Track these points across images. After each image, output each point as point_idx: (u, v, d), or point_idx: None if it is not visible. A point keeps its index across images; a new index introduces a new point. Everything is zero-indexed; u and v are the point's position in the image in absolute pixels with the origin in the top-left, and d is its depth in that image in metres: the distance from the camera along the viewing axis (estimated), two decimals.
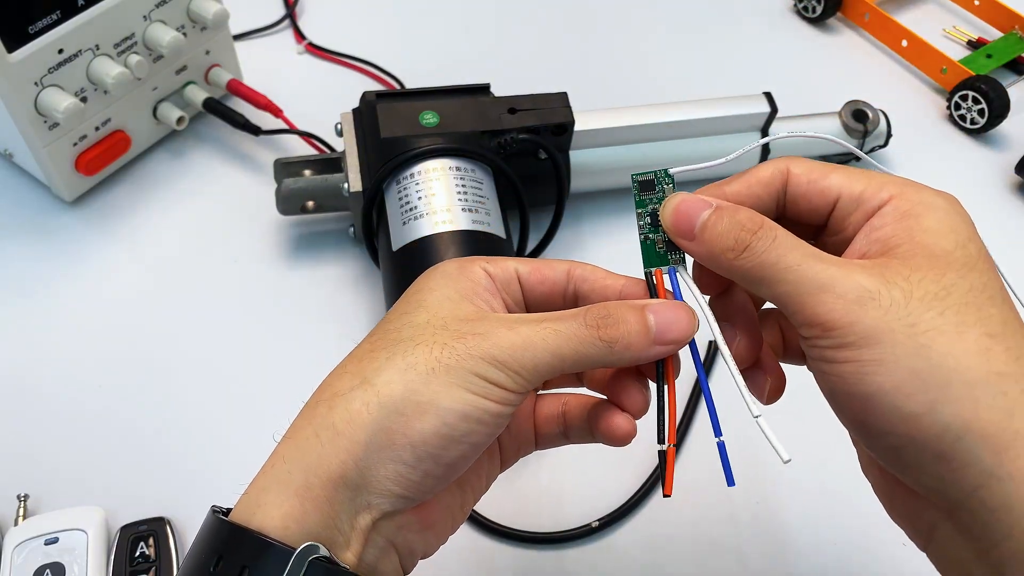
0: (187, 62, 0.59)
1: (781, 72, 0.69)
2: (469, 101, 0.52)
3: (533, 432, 0.34)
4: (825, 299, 0.26)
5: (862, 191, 0.29)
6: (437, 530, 0.31)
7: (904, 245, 0.27)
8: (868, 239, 0.28)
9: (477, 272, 0.31)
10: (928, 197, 0.28)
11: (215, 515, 0.28)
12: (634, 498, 0.47)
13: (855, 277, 0.26)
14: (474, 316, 0.29)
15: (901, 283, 0.26)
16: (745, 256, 0.28)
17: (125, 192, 0.59)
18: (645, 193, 0.32)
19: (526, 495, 0.47)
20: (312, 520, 0.26)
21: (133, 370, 0.51)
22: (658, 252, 0.32)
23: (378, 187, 0.50)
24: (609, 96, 0.65)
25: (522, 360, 0.28)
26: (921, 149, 0.65)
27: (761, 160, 0.59)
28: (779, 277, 0.27)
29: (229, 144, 0.62)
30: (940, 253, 0.26)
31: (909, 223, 0.27)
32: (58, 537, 0.42)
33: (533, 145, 0.52)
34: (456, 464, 0.28)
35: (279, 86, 0.63)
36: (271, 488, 0.27)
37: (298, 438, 0.28)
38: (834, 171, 0.30)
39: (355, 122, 0.54)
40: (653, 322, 0.29)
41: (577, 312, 0.29)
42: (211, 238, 0.58)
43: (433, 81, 0.54)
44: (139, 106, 0.58)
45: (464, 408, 0.27)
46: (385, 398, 0.27)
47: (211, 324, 0.53)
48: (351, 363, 0.29)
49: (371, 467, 0.27)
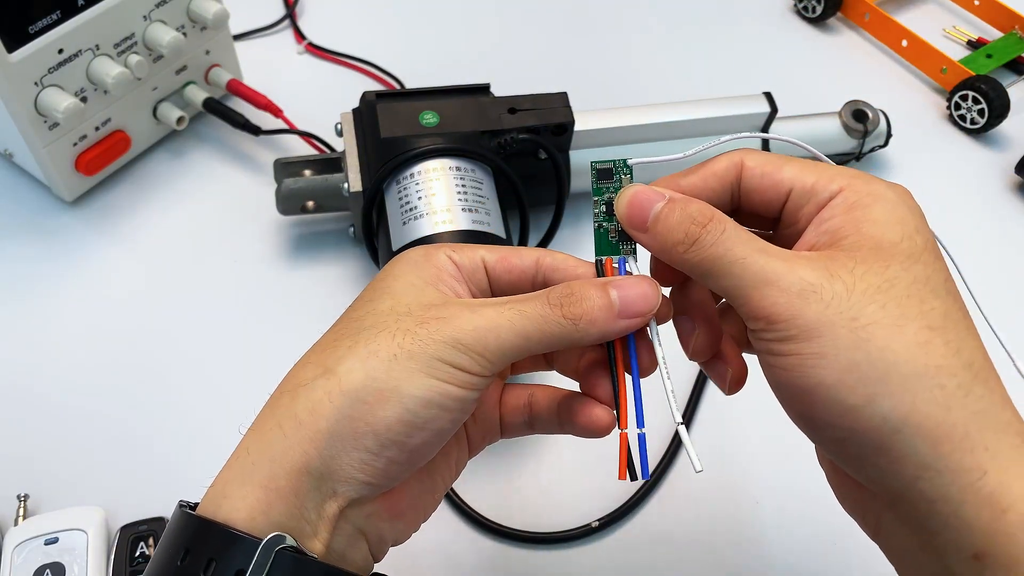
0: (187, 62, 0.59)
1: (781, 72, 0.69)
2: (469, 101, 0.52)
3: (499, 421, 0.34)
4: (769, 293, 0.26)
5: (813, 183, 0.29)
6: (408, 518, 0.31)
7: (851, 236, 0.27)
8: (817, 230, 0.28)
9: (442, 259, 0.31)
10: (877, 188, 0.28)
11: (181, 509, 0.28)
12: (634, 498, 0.47)
13: (798, 271, 0.26)
14: (437, 302, 0.29)
15: (844, 276, 0.26)
16: (694, 249, 0.28)
17: (125, 192, 0.59)
18: (603, 181, 0.32)
19: (526, 495, 0.47)
20: (278, 511, 0.27)
21: (133, 370, 0.51)
22: (610, 241, 0.32)
23: (378, 187, 0.50)
24: (609, 96, 0.65)
25: (486, 342, 0.28)
26: (921, 149, 0.65)
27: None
28: (726, 271, 0.27)
29: (229, 144, 0.62)
30: (886, 244, 0.27)
31: (857, 214, 0.28)
32: (58, 537, 0.42)
33: (533, 145, 0.52)
34: (421, 450, 0.28)
35: (279, 86, 0.63)
36: (236, 480, 0.27)
37: (262, 430, 0.28)
38: (787, 164, 0.30)
39: (355, 122, 0.54)
40: (616, 296, 0.29)
41: (540, 292, 0.29)
42: (211, 238, 0.58)
43: (433, 81, 0.54)
44: (139, 106, 0.58)
45: (427, 394, 0.27)
46: (347, 386, 0.27)
47: (211, 324, 0.53)
48: (314, 353, 0.29)
49: (335, 456, 0.27)
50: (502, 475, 0.48)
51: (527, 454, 0.49)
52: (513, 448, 0.49)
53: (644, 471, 0.30)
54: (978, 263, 0.58)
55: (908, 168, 0.64)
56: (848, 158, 0.62)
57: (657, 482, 0.48)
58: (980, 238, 0.60)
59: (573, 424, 0.32)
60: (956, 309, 0.27)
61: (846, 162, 0.62)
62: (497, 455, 0.49)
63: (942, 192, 0.62)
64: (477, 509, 0.46)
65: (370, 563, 0.30)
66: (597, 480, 0.48)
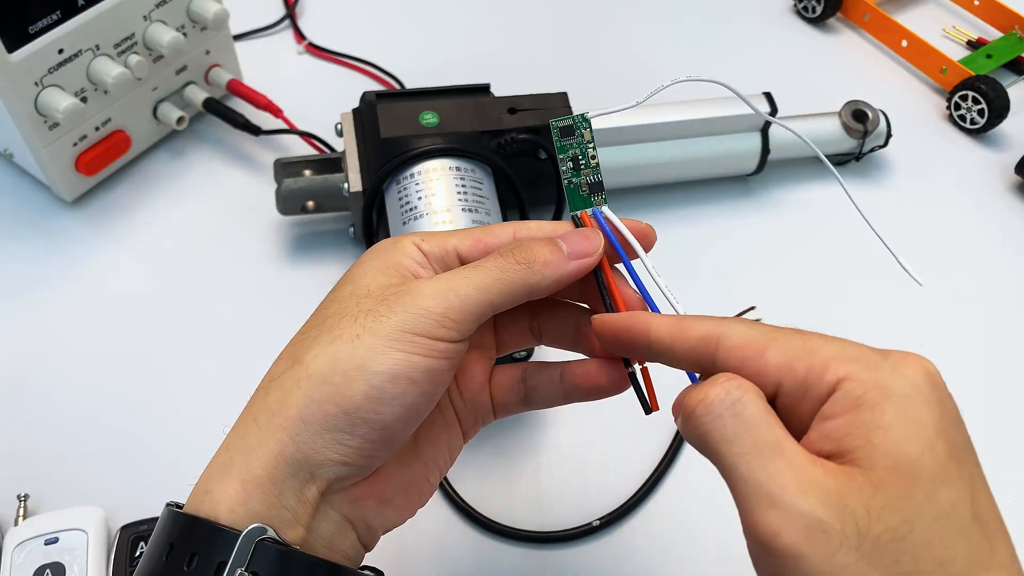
0: (187, 62, 0.59)
1: (781, 72, 0.69)
2: (469, 101, 0.53)
3: (490, 402, 0.34)
4: (773, 517, 0.23)
5: (805, 374, 0.25)
6: (396, 504, 0.31)
7: (861, 449, 0.24)
8: (820, 432, 0.25)
9: (408, 247, 0.31)
10: (884, 377, 0.24)
11: (167, 508, 0.28)
12: (636, 496, 0.47)
13: (810, 497, 0.23)
14: (398, 281, 0.29)
15: (859, 512, 0.23)
16: (700, 413, 0.26)
17: (125, 192, 0.60)
18: (565, 139, 0.33)
19: (526, 493, 0.47)
20: (256, 502, 0.27)
21: (134, 370, 0.51)
22: (582, 195, 0.33)
23: (378, 187, 0.50)
24: (609, 96, 0.65)
25: (448, 302, 0.28)
26: (921, 149, 0.65)
27: (763, 147, 0.59)
28: (731, 461, 0.25)
29: (229, 144, 0.63)
30: (904, 463, 0.23)
31: (864, 417, 0.24)
32: (58, 537, 0.42)
33: (533, 145, 0.52)
34: (394, 427, 0.28)
35: (279, 86, 0.63)
36: (216, 476, 0.28)
37: (239, 426, 0.29)
38: (772, 346, 0.26)
39: (355, 122, 0.54)
40: (563, 244, 0.30)
41: (492, 253, 0.30)
42: (211, 238, 0.58)
43: (433, 81, 0.55)
44: (139, 106, 0.58)
45: (392, 368, 0.27)
46: (313, 372, 0.28)
47: (211, 324, 0.53)
48: (287, 348, 0.30)
49: (308, 440, 0.27)
50: (502, 472, 0.48)
51: (527, 451, 0.49)
52: (513, 445, 0.49)
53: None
54: (978, 264, 0.59)
55: (908, 168, 0.64)
56: (848, 158, 0.62)
57: (660, 480, 0.48)
58: (980, 239, 0.60)
59: (579, 386, 0.33)
60: (983, 544, 0.23)
61: (846, 162, 0.62)
62: (497, 452, 0.49)
63: (942, 192, 0.62)
64: (476, 507, 0.46)
65: (360, 552, 0.30)
66: (598, 478, 0.48)
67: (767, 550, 0.24)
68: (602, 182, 0.33)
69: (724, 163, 0.60)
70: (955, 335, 0.54)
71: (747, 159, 0.60)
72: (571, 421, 0.50)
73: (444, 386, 0.29)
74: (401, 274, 0.30)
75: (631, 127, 0.56)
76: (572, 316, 0.34)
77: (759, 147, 0.59)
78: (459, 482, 0.47)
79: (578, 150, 0.33)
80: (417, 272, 0.30)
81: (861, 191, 0.63)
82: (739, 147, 0.59)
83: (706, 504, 0.47)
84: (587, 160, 0.33)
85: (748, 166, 0.60)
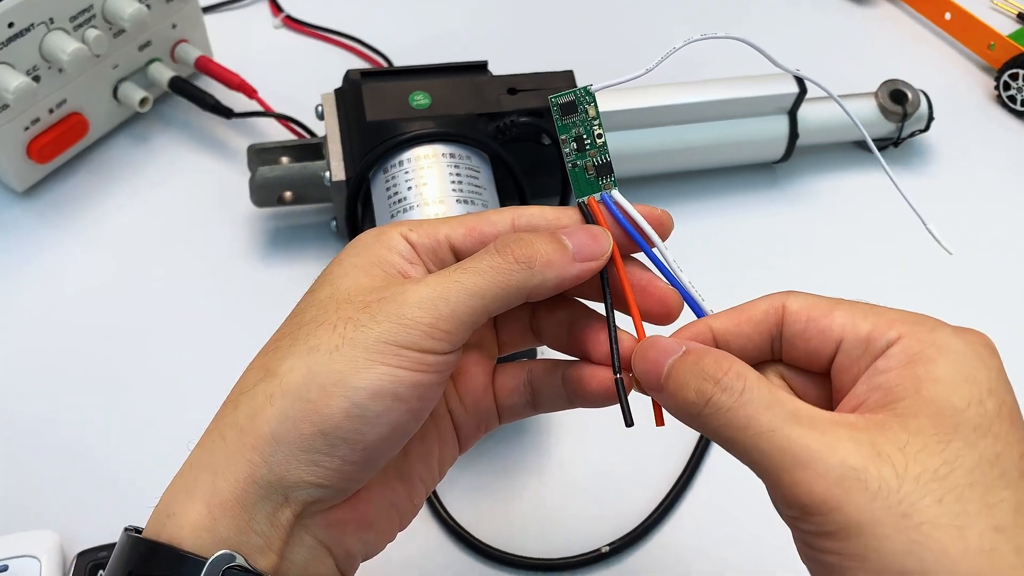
0: (151, 37, 0.59)
1: (812, 48, 0.69)
2: (464, 81, 0.52)
3: (494, 406, 0.34)
4: (803, 477, 0.25)
5: (869, 331, 0.27)
6: (379, 528, 0.31)
7: (907, 399, 0.25)
8: (869, 384, 0.27)
9: (394, 239, 0.31)
10: (943, 337, 0.26)
11: (126, 533, 0.28)
12: (650, 519, 0.47)
13: (839, 450, 0.25)
14: (380, 283, 0.29)
15: (894, 455, 0.24)
16: (708, 412, 0.27)
17: (82, 181, 0.59)
18: (567, 116, 0.33)
19: (527, 515, 0.47)
20: (224, 526, 0.27)
21: (92, 379, 0.51)
22: (588, 179, 0.32)
23: (363, 176, 0.50)
24: (621, 75, 0.65)
25: (438, 311, 0.28)
26: (966, 134, 0.65)
27: (791, 131, 0.59)
28: (750, 444, 0.26)
29: (198, 128, 0.62)
30: (949, 412, 0.25)
31: (917, 370, 0.26)
32: (7, 565, 0.42)
33: (536, 129, 0.52)
34: (378, 448, 0.28)
35: (253, 64, 0.63)
36: (179, 498, 0.28)
37: (205, 443, 0.29)
38: (838, 308, 0.28)
39: (338, 104, 0.54)
40: (568, 241, 0.30)
41: (486, 248, 0.30)
42: (178, 232, 0.58)
43: (424, 58, 0.55)
44: (98, 86, 0.58)
45: (375, 383, 0.27)
46: (288, 386, 0.27)
47: (178, 328, 0.53)
48: (258, 358, 0.30)
49: (281, 461, 0.27)
50: (500, 491, 0.48)
51: (529, 470, 0.49)
52: (512, 460, 0.49)
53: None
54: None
55: (951, 155, 0.64)
56: (885, 144, 0.62)
57: (676, 501, 0.48)
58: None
59: (584, 392, 0.32)
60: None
61: (883, 148, 0.62)
62: (494, 468, 0.49)
63: (989, 181, 0.62)
64: (471, 530, 0.46)
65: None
66: (607, 502, 0.48)
67: (804, 511, 0.25)
68: (611, 163, 0.33)
69: (747, 149, 0.60)
70: (1010, 342, 0.54)
71: (773, 145, 0.59)
72: (577, 433, 0.50)
73: (433, 402, 0.29)
74: (386, 273, 0.30)
75: (643, 109, 0.56)
76: (567, 314, 0.33)
77: (786, 131, 0.59)
78: (452, 501, 0.47)
79: (582, 128, 0.33)
80: (404, 269, 0.30)
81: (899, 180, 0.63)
82: (764, 131, 0.59)
83: (729, 528, 0.47)
84: (592, 139, 0.33)
85: (774, 152, 0.60)
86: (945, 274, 0.55)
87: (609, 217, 0.32)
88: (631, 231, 0.32)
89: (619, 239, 0.31)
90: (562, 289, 0.30)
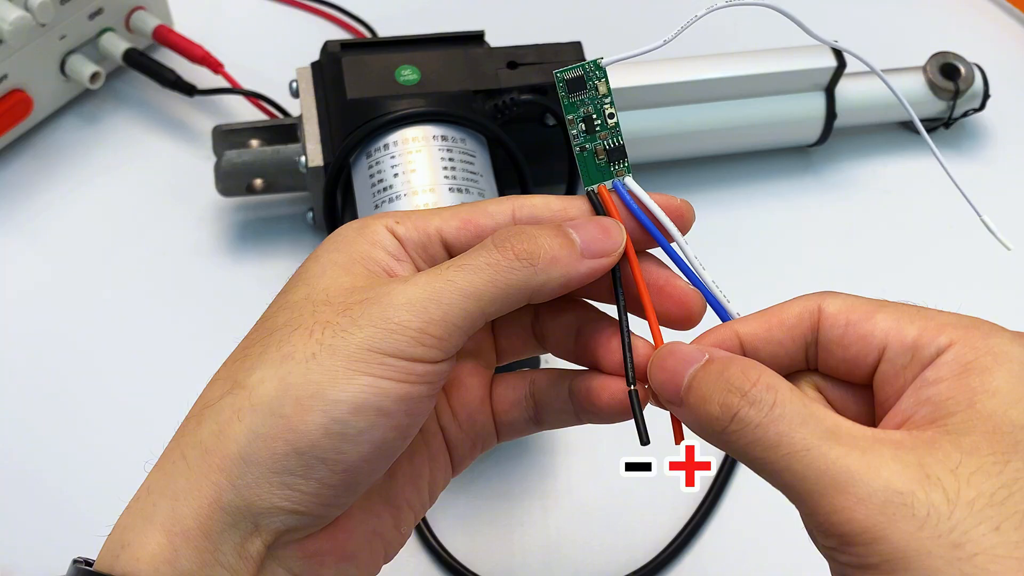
0: (103, 4, 0.59)
1: (852, 17, 0.69)
2: (458, 53, 0.53)
3: (492, 421, 0.34)
4: (843, 503, 0.24)
5: (916, 337, 0.27)
6: (361, 560, 0.31)
7: (960, 413, 0.25)
8: (917, 397, 0.27)
9: (379, 233, 0.31)
10: (1001, 344, 0.26)
11: (75, 565, 0.28)
12: (668, 550, 0.47)
13: (883, 472, 0.24)
14: (362, 283, 0.29)
15: (945, 478, 0.24)
16: (735, 429, 0.27)
17: (25, 167, 0.59)
18: (575, 94, 0.33)
19: (530, 548, 0.47)
20: (186, 558, 0.27)
21: (36, 393, 0.51)
22: (598, 164, 0.32)
23: (343, 161, 0.50)
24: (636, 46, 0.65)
25: (428, 315, 0.28)
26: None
27: (828, 110, 0.59)
28: (782, 464, 0.26)
29: (156, 107, 0.63)
30: (1007, 428, 0.25)
31: (971, 381, 0.26)
32: None
33: (539, 108, 0.52)
34: (359, 468, 0.28)
35: (219, 34, 0.63)
36: (136, 525, 0.28)
37: (164, 463, 0.28)
38: (880, 310, 0.28)
39: (314, 80, 0.54)
40: (576, 235, 0.30)
41: (484, 241, 0.29)
42: (134, 225, 0.58)
43: (412, 29, 0.54)
44: (43, 59, 0.58)
45: (357, 396, 0.27)
46: (258, 400, 0.27)
47: (133, 335, 0.53)
48: (224, 367, 0.30)
49: (251, 484, 0.27)
50: (500, 522, 0.48)
51: (532, 495, 0.49)
52: (514, 483, 0.49)
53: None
54: None
55: (1009, 138, 0.64)
56: (936, 124, 0.62)
57: (694, 534, 0.48)
58: None
59: (593, 406, 0.32)
60: None
61: (933, 129, 0.62)
62: (493, 492, 0.49)
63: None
64: (468, 564, 0.46)
65: None
66: (620, 529, 0.48)
67: (843, 540, 0.25)
68: (624, 147, 0.33)
69: (778, 131, 0.60)
70: None
71: (808, 126, 0.59)
72: (586, 453, 0.50)
73: (423, 417, 0.29)
74: (370, 271, 0.30)
75: (661, 85, 0.56)
76: (575, 318, 0.33)
77: (823, 111, 0.59)
78: (444, 530, 0.47)
79: (592, 107, 0.33)
80: (390, 267, 0.30)
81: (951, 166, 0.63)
82: (797, 111, 0.59)
83: (757, 560, 0.47)
84: (603, 120, 0.33)
85: (809, 135, 0.60)
86: (1002, 272, 0.55)
87: (622, 208, 0.32)
88: (647, 223, 0.32)
89: (633, 232, 0.31)
90: (569, 289, 0.30)
